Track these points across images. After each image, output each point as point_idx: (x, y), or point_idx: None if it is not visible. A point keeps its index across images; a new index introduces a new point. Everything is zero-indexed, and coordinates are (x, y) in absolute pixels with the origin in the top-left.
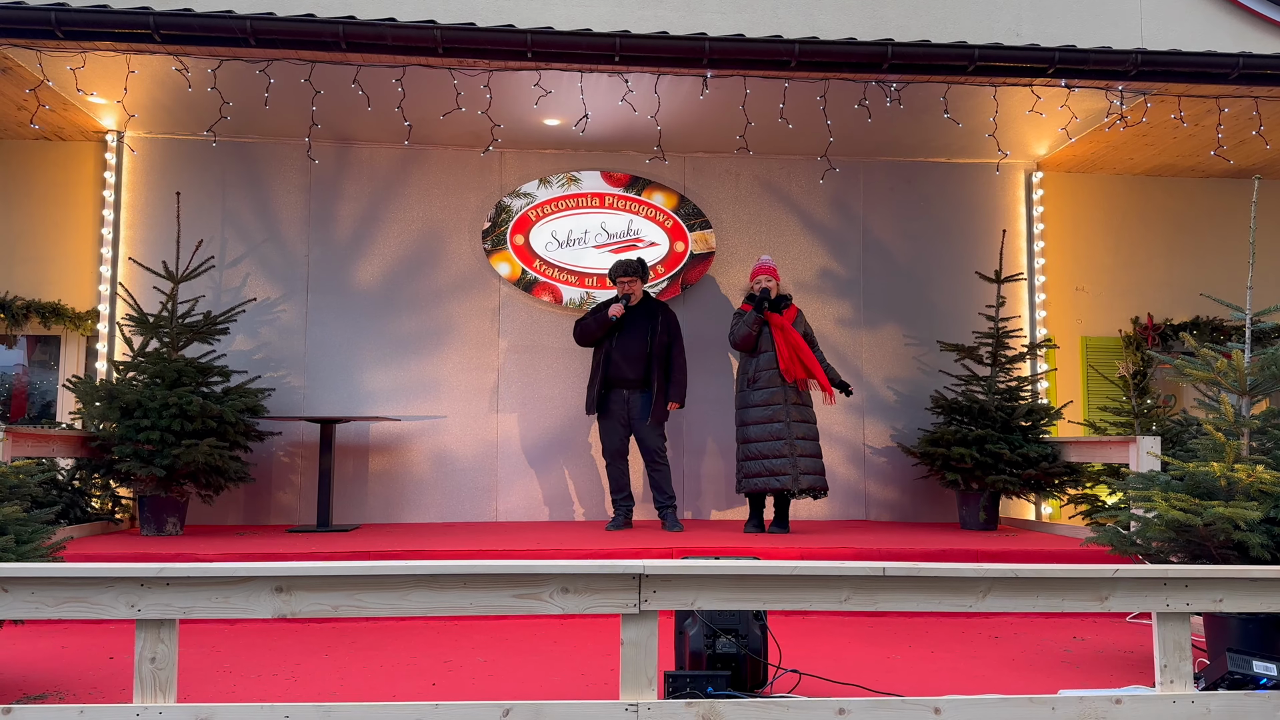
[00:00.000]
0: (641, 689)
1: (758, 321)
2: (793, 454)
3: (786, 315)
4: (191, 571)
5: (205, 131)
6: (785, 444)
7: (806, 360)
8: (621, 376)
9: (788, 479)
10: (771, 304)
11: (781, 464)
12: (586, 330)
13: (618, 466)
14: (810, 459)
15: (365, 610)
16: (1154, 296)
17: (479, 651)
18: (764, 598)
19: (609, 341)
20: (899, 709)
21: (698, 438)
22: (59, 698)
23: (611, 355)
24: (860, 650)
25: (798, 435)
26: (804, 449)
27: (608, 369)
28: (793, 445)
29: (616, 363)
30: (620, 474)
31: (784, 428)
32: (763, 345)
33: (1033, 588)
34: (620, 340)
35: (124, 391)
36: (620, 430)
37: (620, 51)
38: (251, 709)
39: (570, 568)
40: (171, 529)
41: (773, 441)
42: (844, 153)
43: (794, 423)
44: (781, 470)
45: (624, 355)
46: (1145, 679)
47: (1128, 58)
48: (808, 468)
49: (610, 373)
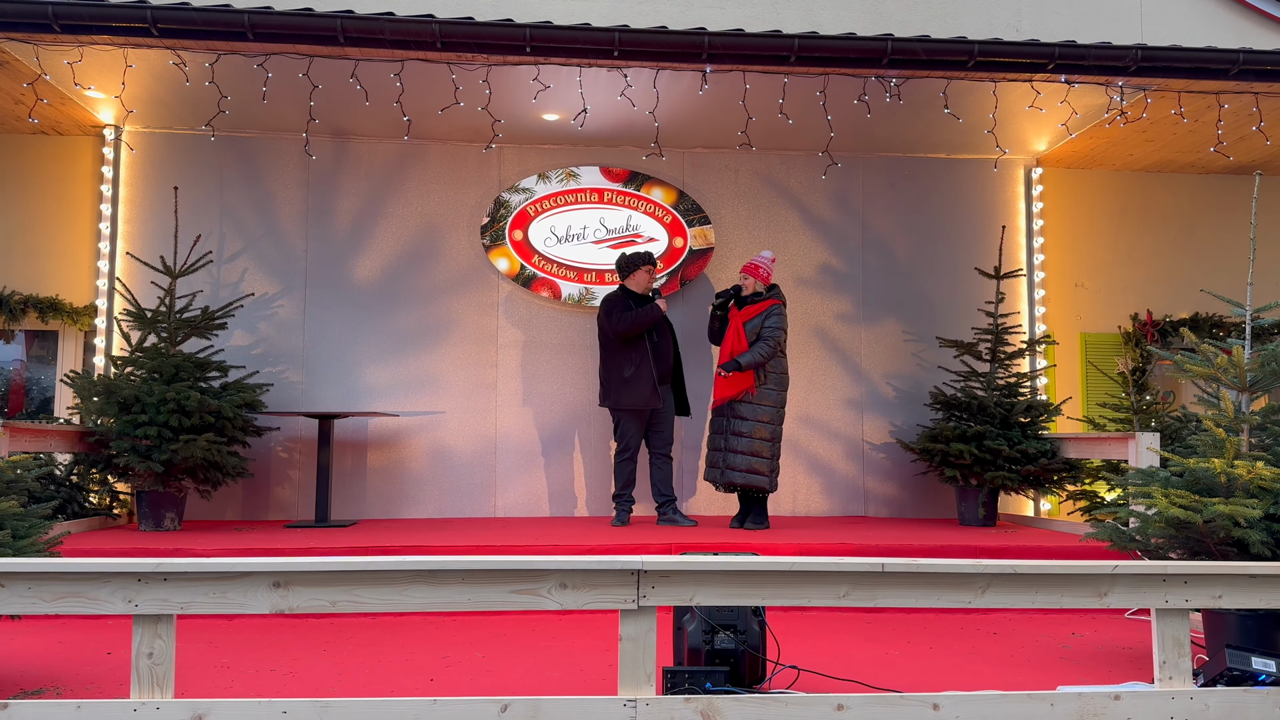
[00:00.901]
0: (640, 685)
1: (715, 317)
2: (725, 449)
3: (744, 313)
4: (189, 567)
5: (204, 126)
6: (722, 438)
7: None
8: (663, 371)
9: (715, 472)
10: (737, 301)
11: (715, 458)
12: (640, 324)
13: (636, 463)
14: (741, 456)
15: (363, 606)
16: (1154, 293)
17: (477, 647)
18: (762, 593)
19: (651, 336)
20: (897, 705)
21: (692, 434)
22: (56, 693)
23: (657, 350)
24: (859, 646)
25: (732, 432)
26: (735, 445)
27: (657, 363)
28: (727, 440)
29: (661, 357)
30: (635, 470)
31: (725, 422)
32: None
33: (1032, 584)
34: (663, 337)
35: (122, 386)
36: (642, 426)
37: (619, 46)
38: (249, 704)
39: (569, 563)
40: (170, 524)
41: (715, 435)
42: (844, 148)
43: (732, 418)
44: (713, 463)
45: (664, 350)
46: (1144, 675)
47: (1128, 53)
48: (734, 464)
49: (659, 368)
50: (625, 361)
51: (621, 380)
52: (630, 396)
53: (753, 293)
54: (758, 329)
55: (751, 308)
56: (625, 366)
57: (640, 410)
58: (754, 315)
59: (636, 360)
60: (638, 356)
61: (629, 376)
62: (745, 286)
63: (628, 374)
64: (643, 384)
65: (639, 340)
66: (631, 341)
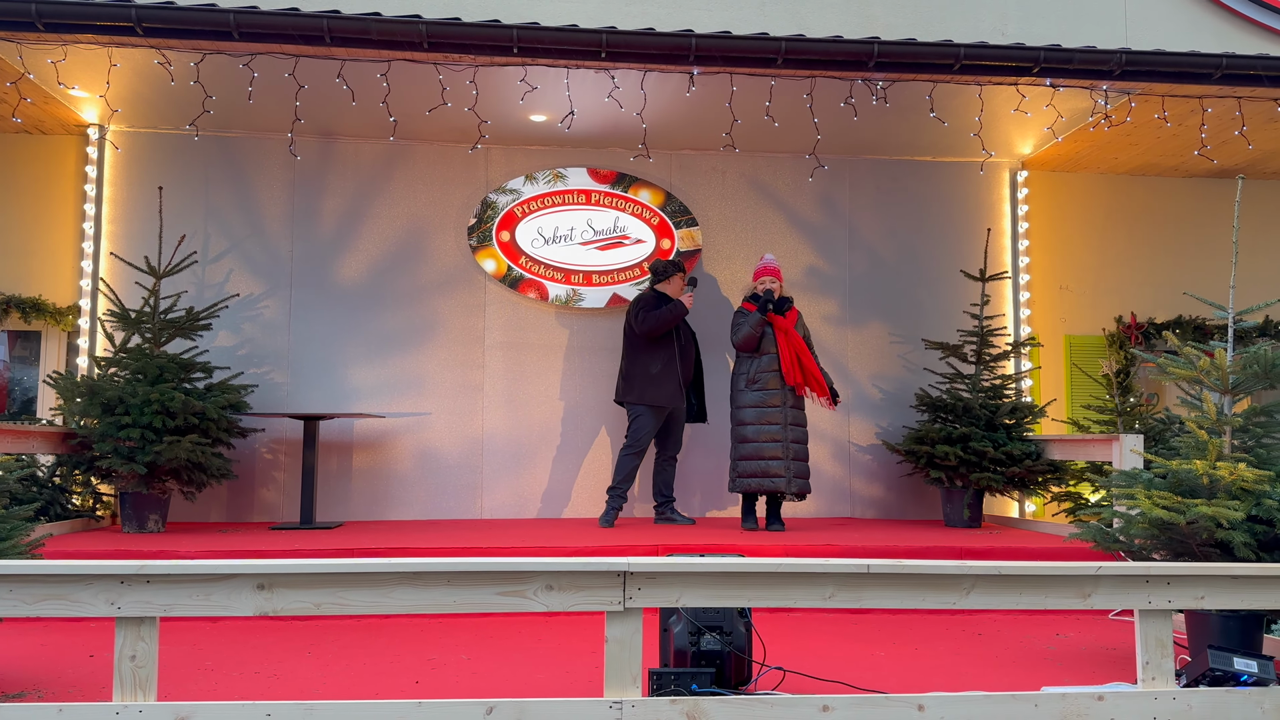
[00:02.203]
0: (626, 687)
1: (761, 323)
2: (787, 456)
3: (789, 318)
4: (172, 569)
5: (188, 125)
6: (781, 446)
7: (807, 366)
8: (687, 373)
9: (782, 480)
10: (775, 306)
11: (777, 465)
12: (664, 323)
13: (640, 461)
14: (801, 462)
15: (348, 608)
16: (1136, 295)
17: (462, 649)
18: (748, 595)
19: (679, 338)
20: (883, 706)
21: (703, 437)
22: (38, 695)
23: (684, 352)
24: (845, 647)
25: (793, 439)
26: (797, 452)
27: (682, 366)
28: (788, 448)
29: (687, 360)
30: (638, 468)
31: (780, 430)
32: (765, 347)
33: (1016, 585)
34: (685, 342)
35: (105, 388)
36: (658, 425)
37: (607, 48)
38: (233, 707)
39: (555, 565)
40: (154, 526)
41: (769, 443)
42: (830, 151)
43: (790, 425)
44: (777, 472)
45: (688, 354)
46: (1128, 675)
47: (1112, 57)
48: (799, 471)
49: (684, 373)
50: (652, 359)
51: (648, 376)
52: (655, 393)
53: (782, 295)
54: (806, 334)
55: (792, 312)
56: (653, 363)
57: (662, 408)
58: (798, 318)
59: (664, 359)
60: (666, 355)
61: (656, 373)
62: (775, 289)
63: (655, 370)
64: (669, 382)
65: (668, 339)
66: (660, 340)
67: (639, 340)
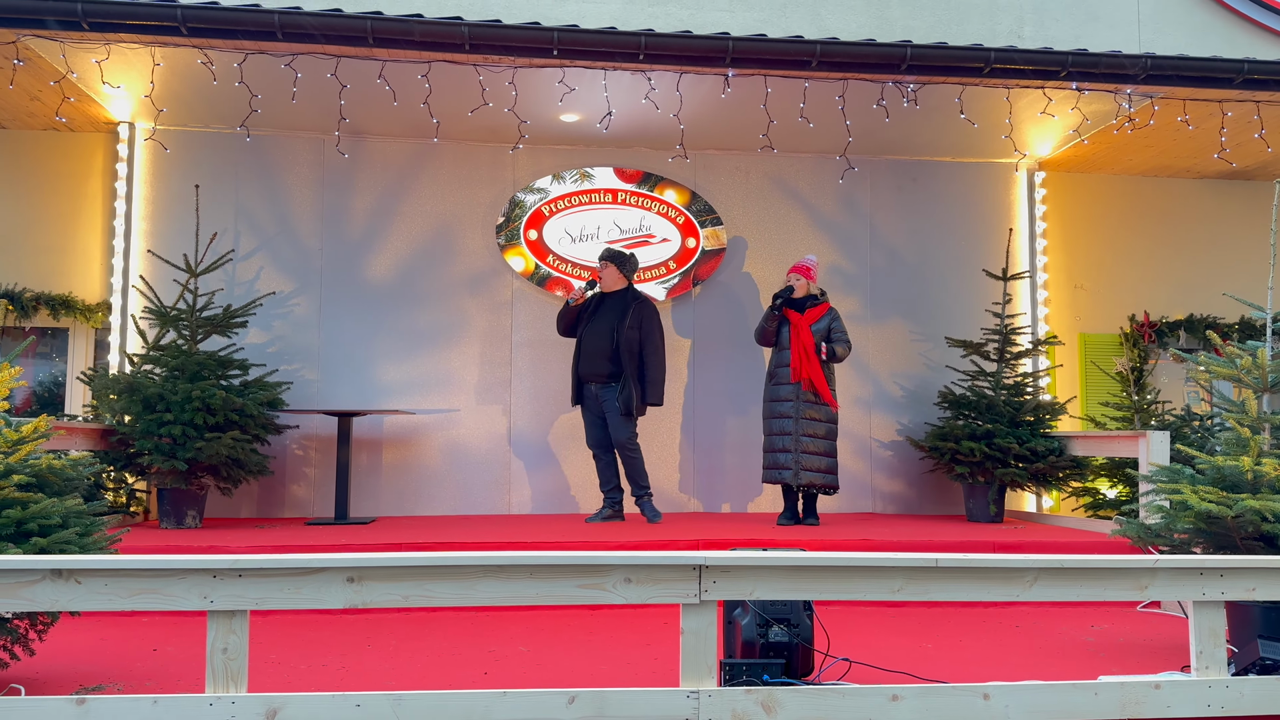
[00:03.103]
0: (702, 677)
1: (774, 318)
2: (796, 449)
3: (808, 316)
4: (264, 563)
5: (239, 126)
6: (791, 439)
7: (815, 364)
8: (590, 370)
9: (789, 473)
10: (793, 303)
11: (786, 459)
12: (558, 318)
13: (602, 459)
14: (815, 456)
15: (434, 600)
16: (1149, 294)
17: (518, 642)
18: (819, 588)
19: (581, 332)
20: (949, 695)
21: (711, 431)
22: (116, 689)
23: (581, 347)
24: (891, 640)
25: (804, 433)
26: (809, 446)
27: (578, 362)
28: (798, 441)
29: (584, 356)
30: (604, 466)
31: (793, 424)
32: (783, 342)
33: (1077, 577)
34: (588, 333)
35: (146, 384)
36: (598, 422)
37: (645, 50)
38: (323, 698)
39: (633, 559)
40: (191, 522)
41: (779, 436)
42: (852, 151)
43: (803, 419)
44: (785, 465)
45: (591, 348)
46: (1167, 665)
47: (1137, 62)
48: (809, 464)
49: (580, 366)
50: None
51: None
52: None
53: (807, 294)
54: (825, 330)
55: (813, 310)
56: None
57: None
58: (819, 317)
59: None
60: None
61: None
62: (797, 288)
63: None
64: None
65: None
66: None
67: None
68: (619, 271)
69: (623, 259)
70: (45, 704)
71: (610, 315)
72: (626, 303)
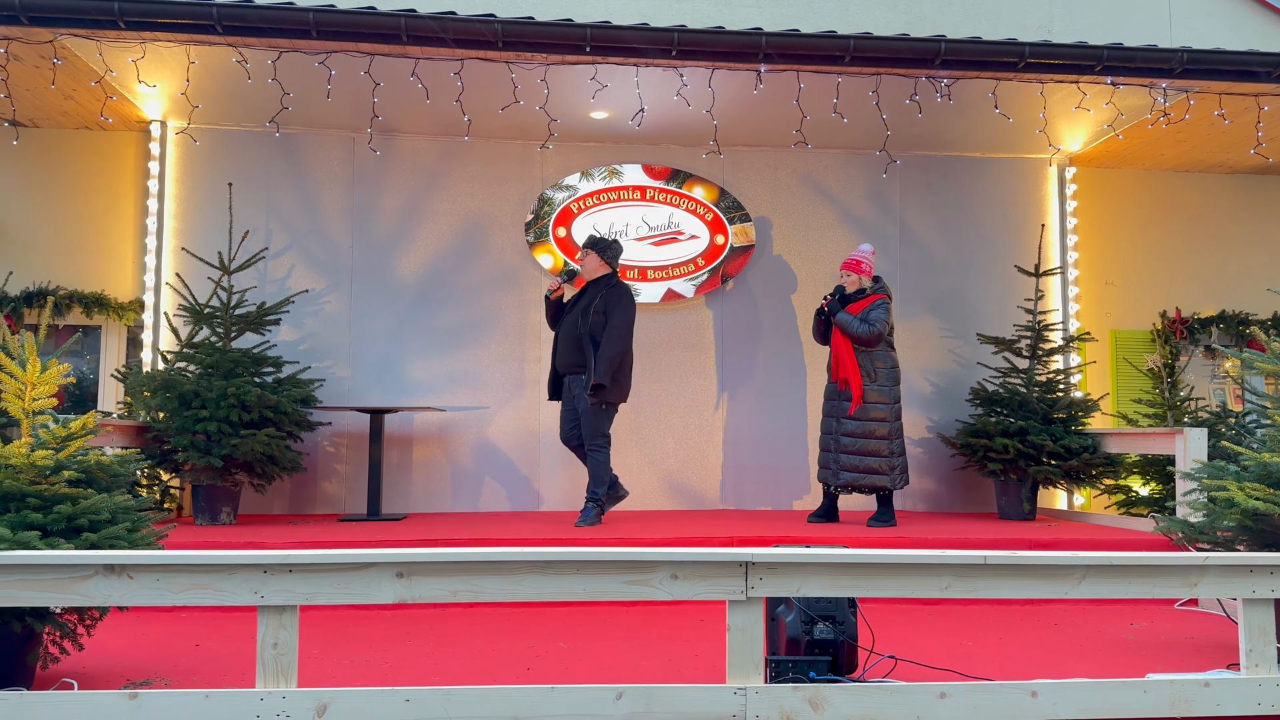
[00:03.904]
0: (749, 674)
1: (819, 322)
2: (835, 449)
3: (848, 311)
4: (315, 558)
5: (268, 122)
6: (832, 439)
7: (848, 364)
8: (563, 361)
9: (829, 473)
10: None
11: (826, 458)
12: (545, 312)
13: (576, 454)
14: (852, 456)
15: (482, 595)
16: (1180, 290)
17: (556, 638)
18: (866, 585)
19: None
20: (997, 693)
21: (742, 429)
22: (164, 683)
23: (556, 339)
24: (931, 638)
25: (843, 432)
26: (846, 446)
27: (554, 354)
28: (837, 441)
29: (558, 347)
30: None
31: (835, 423)
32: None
33: (1126, 574)
34: (562, 324)
35: (181, 381)
36: (570, 416)
37: (678, 46)
38: (373, 693)
39: (680, 555)
40: (225, 518)
41: (825, 436)
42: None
43: (843, 419)
44: (825, 465)
45: (563, 338)
46: (1210, 662)
47: (1174, 56)
48: (847, 464)
49: (555, 358)
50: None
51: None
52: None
53: (857, 289)
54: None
55: (856, 304)
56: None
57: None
58: (859, 310)
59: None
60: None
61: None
62: (848, 284)
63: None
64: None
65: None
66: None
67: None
68: (600, 259)
69: (604, 246)
70: (99, 698)
71: (583, 303)
72: (601, 290)
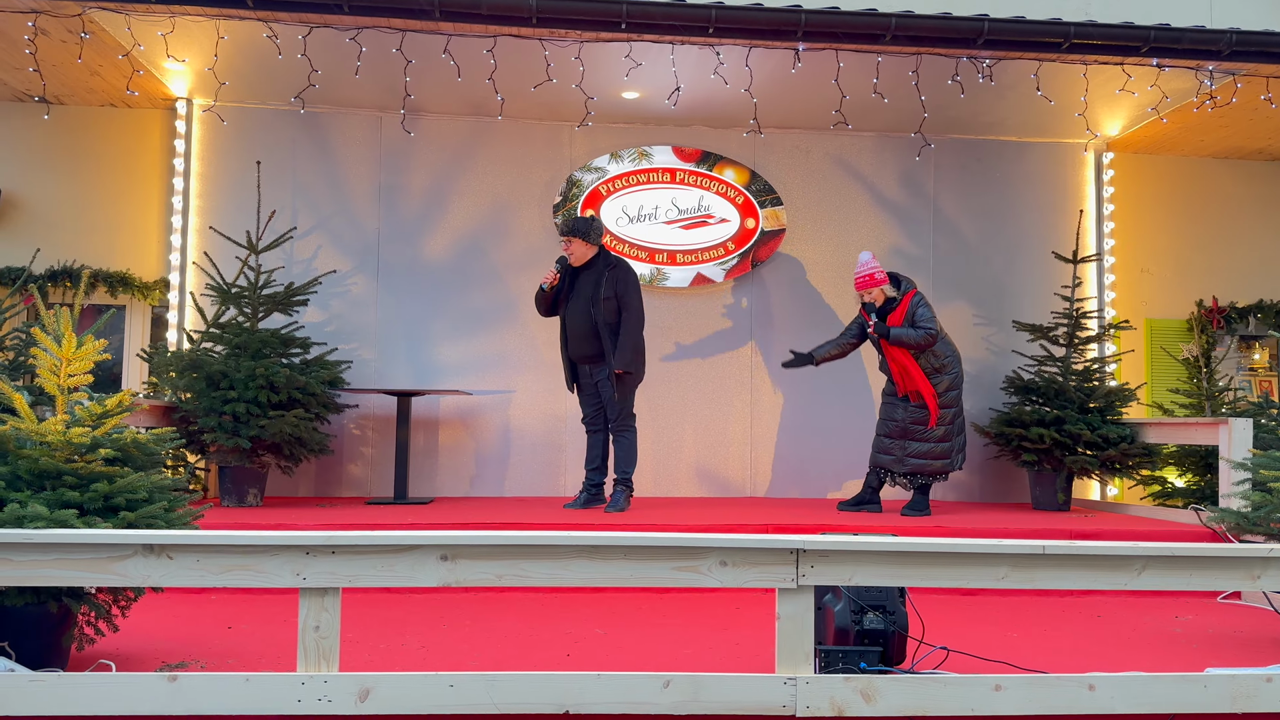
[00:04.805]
0: (799, 663)
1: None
2: (902, 437)
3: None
4: (358, 540)
5: (293, 99)
6: (898, 426)
7: (916, 378)
8: (578, 352)
9: (892, 459)
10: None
11: (890, 444)
12: (535, 301)
13: (590, 436)
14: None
15: (527, 579)
16: (1218, 279)
17: (593, 624)
18: (920, 574)
19: (562, 313)
20: (1054, 686)
21: (772, 417)
22: (199, 665)
23: (565, 329)
24: (976, 629)
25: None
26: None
27: (565, 344)
28: (905, 429)
29: (570, 337)
30: (592, 444)
31: (901, 411)
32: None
33: (1187, 565)
34: (568, 313)
35: (209, 362)
36: (591, 400)
37: (715, 23)
38: (417, 677)
39: (730, 541)
40: (252, 500)
41: (887, 423)
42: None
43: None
44: (886, 450)
45: (574, 329)
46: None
47: (1222, 37)
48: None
49: (569, 349)
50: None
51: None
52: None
53: (885, 300)
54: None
55: (894, 314)
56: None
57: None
58: (902, 317)
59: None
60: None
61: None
62: (873, 299)
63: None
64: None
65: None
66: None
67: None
68: (585, 242)
69: (585, 227)
70: (138, 680)
71: (586, 289)
72: (600, 272)
